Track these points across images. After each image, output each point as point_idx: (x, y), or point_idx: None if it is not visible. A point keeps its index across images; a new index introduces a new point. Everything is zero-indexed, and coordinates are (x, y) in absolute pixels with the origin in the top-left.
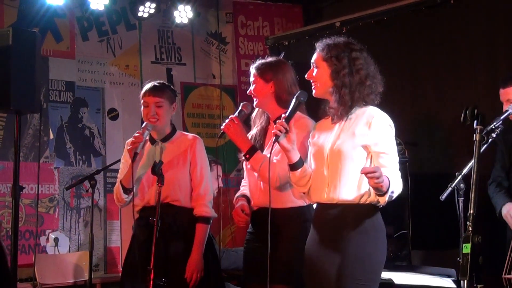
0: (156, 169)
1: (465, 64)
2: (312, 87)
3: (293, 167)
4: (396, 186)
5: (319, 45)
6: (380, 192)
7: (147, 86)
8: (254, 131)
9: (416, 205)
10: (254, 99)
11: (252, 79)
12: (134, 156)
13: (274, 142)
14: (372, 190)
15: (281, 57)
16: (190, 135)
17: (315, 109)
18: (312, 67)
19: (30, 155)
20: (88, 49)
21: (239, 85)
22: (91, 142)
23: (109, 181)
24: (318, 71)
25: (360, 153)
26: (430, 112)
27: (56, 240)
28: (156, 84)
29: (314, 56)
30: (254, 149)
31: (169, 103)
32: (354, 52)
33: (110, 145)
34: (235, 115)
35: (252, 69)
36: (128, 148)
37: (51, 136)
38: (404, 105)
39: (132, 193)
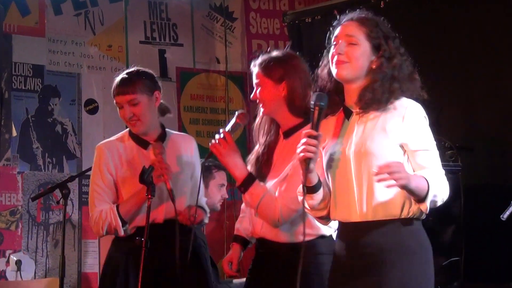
0: (146, 177)
1: None
2: (336, 65)
3: (313, 189)
4: (439, 189)
5: (356, 17)
6: (417, 196)
7: (116, 81)
8: (257, 146)
9: (471, 225)
10: (261, 106)
11: (256, 80)
12: (152, 190)
13: (306, 171)
14: (412, 199)
15: (287, 50)
16: (185, 135)
17: None
18: (343, 40)
19: None
20: (62, 25)
21: (250, 71)
22: (63, 141)
23: (85, 190)
24: (358, 49)
25: (396, 154)
26: (490, 110)
27: (18, 263)
28: (125, 75)
29: (349, 29)
30: (251, 179)
31: (147, 95)
32: (396, 39)
33: (87, 146)
34: (227, 129)
35: (256, 68)
36: (156, 182)
37: (14, 133)
38: (457, 102)
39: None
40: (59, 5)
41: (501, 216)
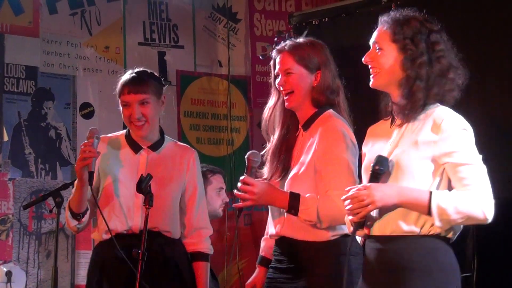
0: (143, 186)
1: None
2: (371, 74)
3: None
4: (459, 205)
5: (385, 20)
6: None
7: (125, 79)
8: (272, 142)
9: (484, 239)
10: (287, 96)
11: (284, 66)
12: (90, 177)
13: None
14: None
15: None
16: (186, 146)
17: (367, 106)
18: (372, 47)
19: None
20: (57, 25)
21: (253, 76)
22: (57, 146)
23: None
24: (384, 55)
25: (425, 168)
26: (502, 119)
27: (8, 274)
28: (135, 74)
29: (377, 34)
30: (294, 198)
31: (157, 97)
32: (434, 34)
33: None
34: (244, 176)
35: (284, 52)
36: (76, 167)
37: (5, 138)
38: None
39: (84, 218)
40: (54, 4)
41: None
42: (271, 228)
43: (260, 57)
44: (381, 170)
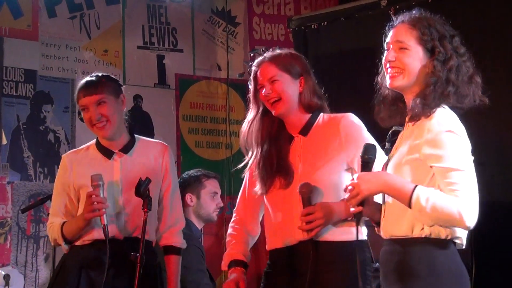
0: (142, 189)
1: None
2: (388, 74)
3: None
4: (437, 207)
5: (407, 20)
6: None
7: (79, 86)
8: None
9: (482, 244)
10: (273, 104)
11: (268, 75)
12: (104, 231)
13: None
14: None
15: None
16: (157, 142)
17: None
18: (393, 46)
19: None
20: (56, 28)
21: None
22: (56, 150)
23: None
24: (409, 55)
25: (415, 170)
26: (502, 123)
27: (7, 277)
28: (89, 78)
29: (398, 33)
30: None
31: (114, 96)
32: (455, 37)
33: None
34: (304, 209)
35: (264, 61)
36: (86, 217)
37: (4, 141)
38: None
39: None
40: (53, 7)
41: None
42: (279, 238)
43: (250, 54)
44: (370, 159)
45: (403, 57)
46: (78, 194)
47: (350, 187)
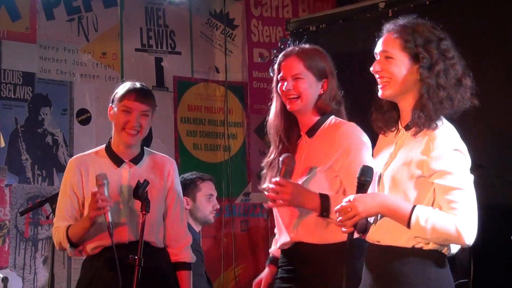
0: (140, 191)
1: None
2: (379, 85)
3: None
4: (434, 225)
5: (392, 28)
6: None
7: (132, 87)
8: (275, 148)
9: (480, 246)
10: (290, 100)
11: (292, 71)
12: (108, 229)
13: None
14: None
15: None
16: (164, 157)
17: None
18: (380, 56)
19: None
20: (54, 31)
21: (251, 82)
22: (54, 152)
23: None
24: (395, 64)
25: (416, 187)
26: (501, 125)
27: (5, 280)
28: (143, 86)
29: (384, 43)
30: (325, 199)
31: (153, 111)
32: (444, 41)
33: None
34: (277, 178)
35: (292, 55)
36: (91, 215)
37: (2, 144)
38: (466, 115)
39: (81, 245)
40: (52, 10)
41: (511, 236)
42: (281, 238)
43: (260, 60)
44: (366, 181)
45: (389, 67)
46: (84, 200)
47: (348, 209)
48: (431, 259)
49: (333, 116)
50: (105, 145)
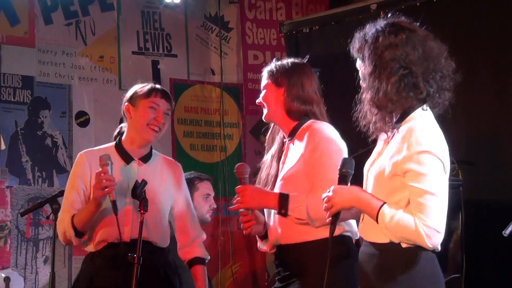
0: (138, 191)
1: None
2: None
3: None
4: (406, 229)
5: (354, 44)
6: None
7: (154, 86)
8: (266, 156)
9: (472, 241)
10: (264, 110)
11: (263, 83)
12: (114, 206)
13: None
14: None
15: (304, 61)
16: (170, 160)
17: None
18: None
19: None
20: (52, 35)
21: (245, 83)
22: (53, 154)
23: None
24: (362, 72)
25: (397, 185)
26: (491, 124)
27: (7, 280)
28: (161, 88)
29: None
30: (283, 198)
31: (170, 113)
32: (400, 46)
33: None
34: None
35: (264, 72)
36: (96, 195)
37: (3, 147)
38: (457, 114)
39: (86, 234)
40: (50, 14)
41: (503, 232)
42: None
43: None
44: (347, 173)
45: (362, 74)
46: (90, 193)
47: (327, 199)
48: (413, 255)
49: (311, 120)
50: (114, 143)
